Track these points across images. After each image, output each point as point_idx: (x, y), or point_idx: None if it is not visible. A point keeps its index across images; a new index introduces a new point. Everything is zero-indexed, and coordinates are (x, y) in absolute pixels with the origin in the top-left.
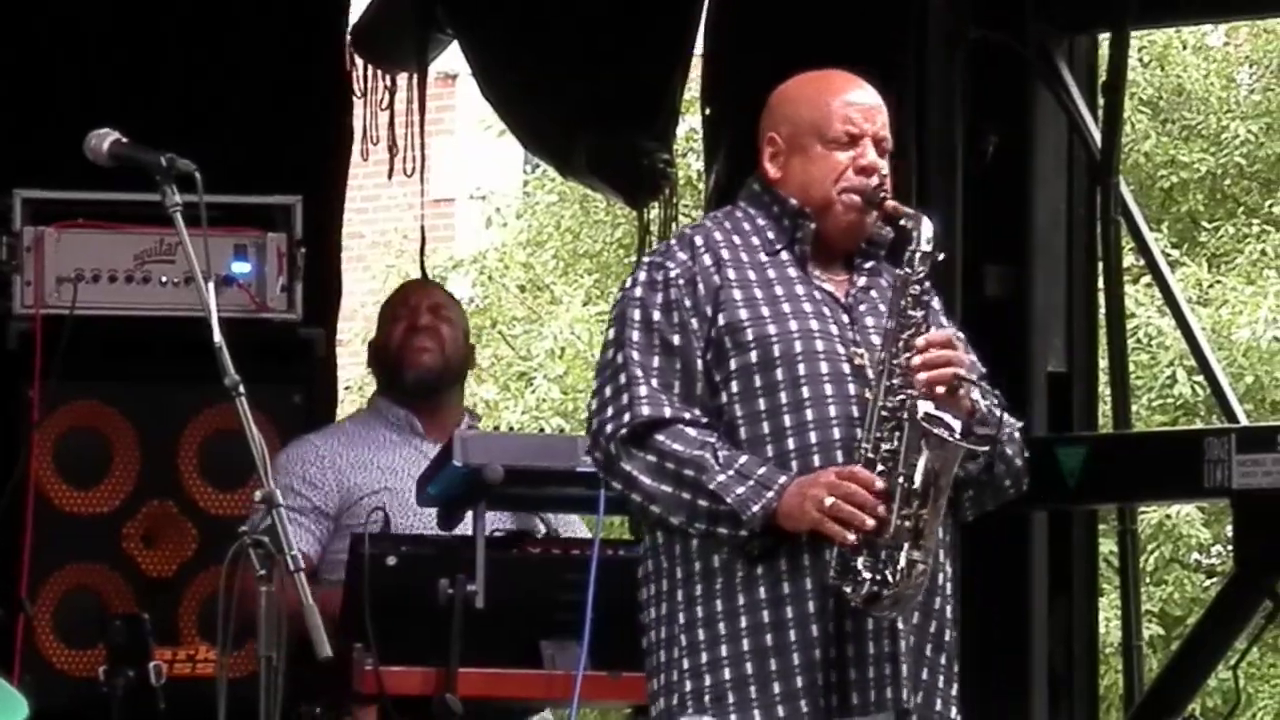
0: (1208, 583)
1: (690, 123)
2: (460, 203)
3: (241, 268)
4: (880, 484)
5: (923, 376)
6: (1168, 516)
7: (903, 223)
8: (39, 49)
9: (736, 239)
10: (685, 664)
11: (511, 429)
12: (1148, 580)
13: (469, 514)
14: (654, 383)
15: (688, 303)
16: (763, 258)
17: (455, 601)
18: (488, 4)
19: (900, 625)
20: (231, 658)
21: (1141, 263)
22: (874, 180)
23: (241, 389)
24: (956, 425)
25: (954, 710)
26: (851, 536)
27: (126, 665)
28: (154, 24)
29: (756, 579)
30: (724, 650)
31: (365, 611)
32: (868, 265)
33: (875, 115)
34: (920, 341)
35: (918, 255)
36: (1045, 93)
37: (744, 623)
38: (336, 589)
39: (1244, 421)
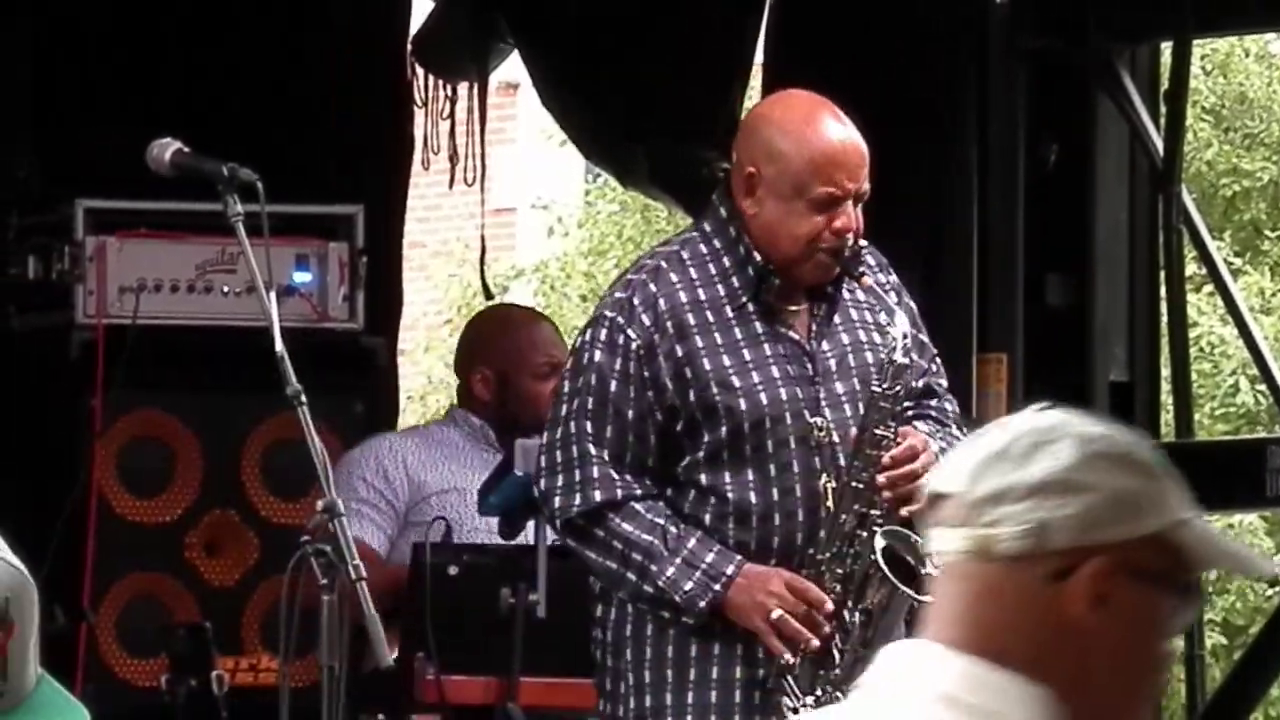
0: (1270, 592)
1: None
2: (522, 212)
3: (303, 277)
4: (829, 607)
5: (887, 495)
6: (1230, 525)
7: (880, 312)
8: (98, 59)
9: (702, 293)
10: (632, 703)
11: None
12: (1210, 589)
13: (530, 523)
14: (605, 455)
15: (645, 373)
16: (728, 312)
17: (516, 611)
18: (548, 13)
19: None
20: (293, 666)
21: (1204, 271)
22: (848, 242)
23: (303, 398)
24: (912, 558)
25: None
26: (789, 656)
27: (189, 674)
28: (219, 36)
29: (707, 648)
30: (668, 699)
31: (427, 620)
32: (828, 290)
33: (859, 172)
34: (886, 459)
35: (890, 369)
36: (1107, 102)
37: (690, 697)
38: (402, 567)
39: None
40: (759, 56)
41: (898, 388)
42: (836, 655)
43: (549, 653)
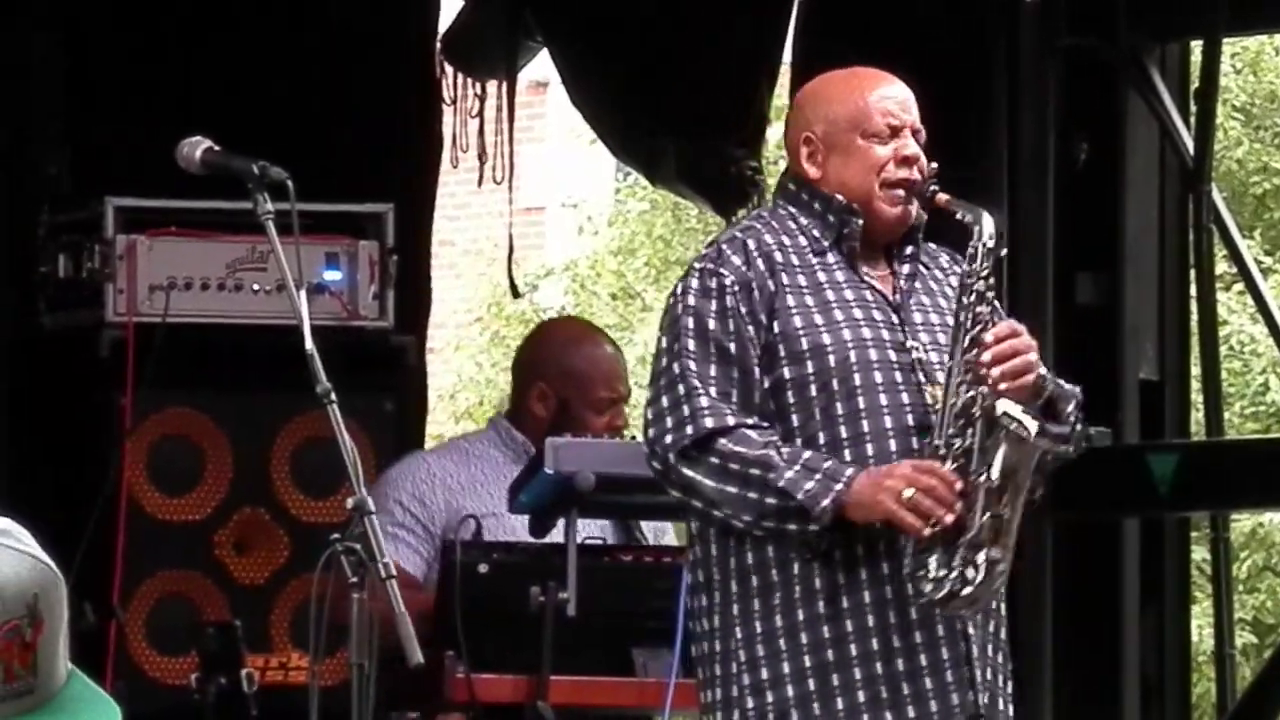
0: None
1: (782, 131)
2: (551, 210)
3: (333, 275)
4: (959, 482)
5: (996, 372)
6: (1260, 524)
7: (959, 216)
8: (129, 57)
9: (786, 239)
10: (746, 679)
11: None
12: (1240, 588)
13: (561, 521)
14: (713, 391)
15: (743, 309)
16: (812, 259)
17: (546, 609)
18: (576, 11)
19: (971, 629)
20: (323, 665)
21: (1234, 270)
22: (915, 172)
23: (333, 396)
24: (1033, 424)
25: (1012, 709)
26: (927, 530)
27: (218, 672)
28: (246, 33)
29: (814, 593)
30: (785, 667)
31: (457, 619)
32: (908, 252)
33: (910, 107)
34: (988, 337)
35: (980, 252)
36: (1137, 100)
37: (804, 639)
38: (427, 592)
39: None
40: (787, 55)
41: (988, 268)
42: (976, 521)
43: (579, 651)
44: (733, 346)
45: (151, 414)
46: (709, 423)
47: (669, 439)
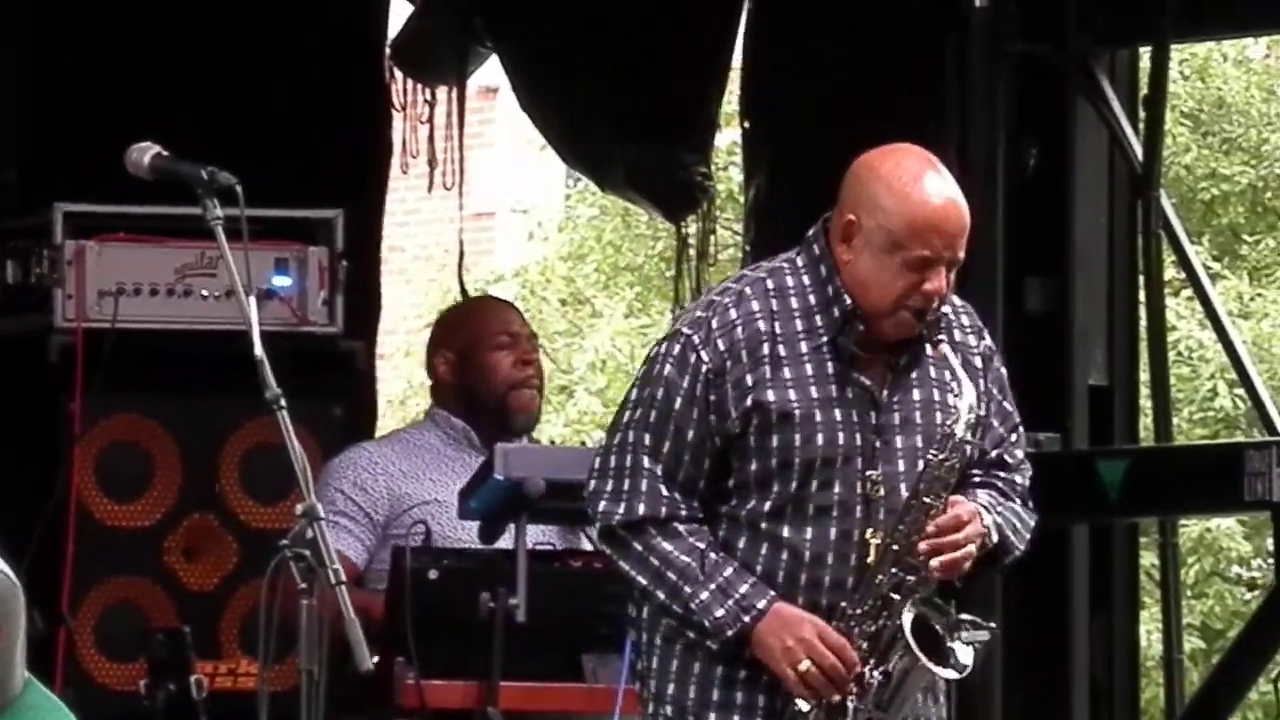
0: (1248, 596)
1: (732, 136)
2: (501, 216)
3: (283, 281)
4: (857, 666)
5: (934, 564)
6: (1208, 529)
7: (947, 376)
8: (78, 63)
9: (778, 324)
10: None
11: (553, 442)
12: (1188, 593)
13: (511, 527)
14: (658, 470)
15: (711, 397)
16: (803, 347)
17: (496, 615)
18: (526, 17)
19: None
20: (272, 671)
21: (1182, 276)
22: (934, 305)
23: (282, 402)
24: (944, 633)
25: None
26: (806, 706)
27: (167, 679)
28: (198, 41)
29: (732, 669)
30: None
31: (407, 625)
32: (906, 347)
33: (957, 241)
34: (931, 527)
35: (951, 440)
36: (1086, 106)
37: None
38: (377, 595)
39: None
40: (737, 60)
41: (954, 459)
42: (850, 712)
43: (529, 657)
44: (690, 433)
45: (100, 420)
46: (641, 509)
47: (602, 507)
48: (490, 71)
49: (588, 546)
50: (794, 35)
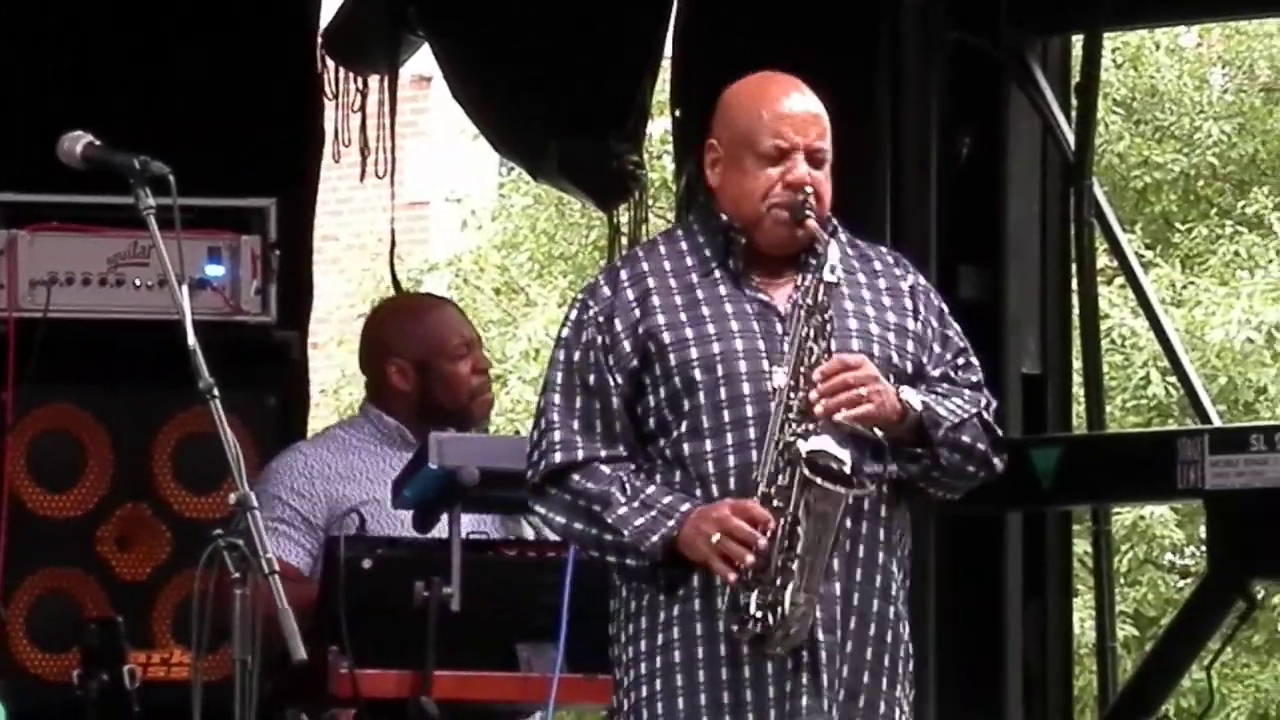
0: (1181, 583)
1: (665, 125)
2: (435, 205)
3: (215, 270)
4: (770, 522)
5: (819, 408)
6: (1141, 517)
7: (816, 247)
8: (8, 51)
9: (667, 265)
10: (617, 675)
11: (487, 431)
12: (1122, 581)
13: (445, 516)
14: (574, 424)
15: (603, 340)
16: (693, 279)
17: (431, 604)
18: (458, 6)
19: (820, 636)
20: (206, 661)
21: (1115, 264)
22: (800, 196)
23: (215, 392)
24: (847, 460)
25: (900, 714)
26: (732, 575)
27: (101, 669)
28: (124, 27)
29: (670, 599)
30: (643, 668)
31: (341, 614)
32: (812, 263)
33: (808, 127)
34: (816, 375)
35: (820, 285)
36: (1019, 95)
37: (659, 640)
38: (312, 583)
39: (1217, 422)
40: (669, 50)
41: (826, 302)
42: (782, 564)
43: (463, 646)
44: (592, 378)
45: (33, 409)
46: (558, 458)
47: (529, 473)
48: (424, 60)
49: (529, 535)
50: (725, 24)
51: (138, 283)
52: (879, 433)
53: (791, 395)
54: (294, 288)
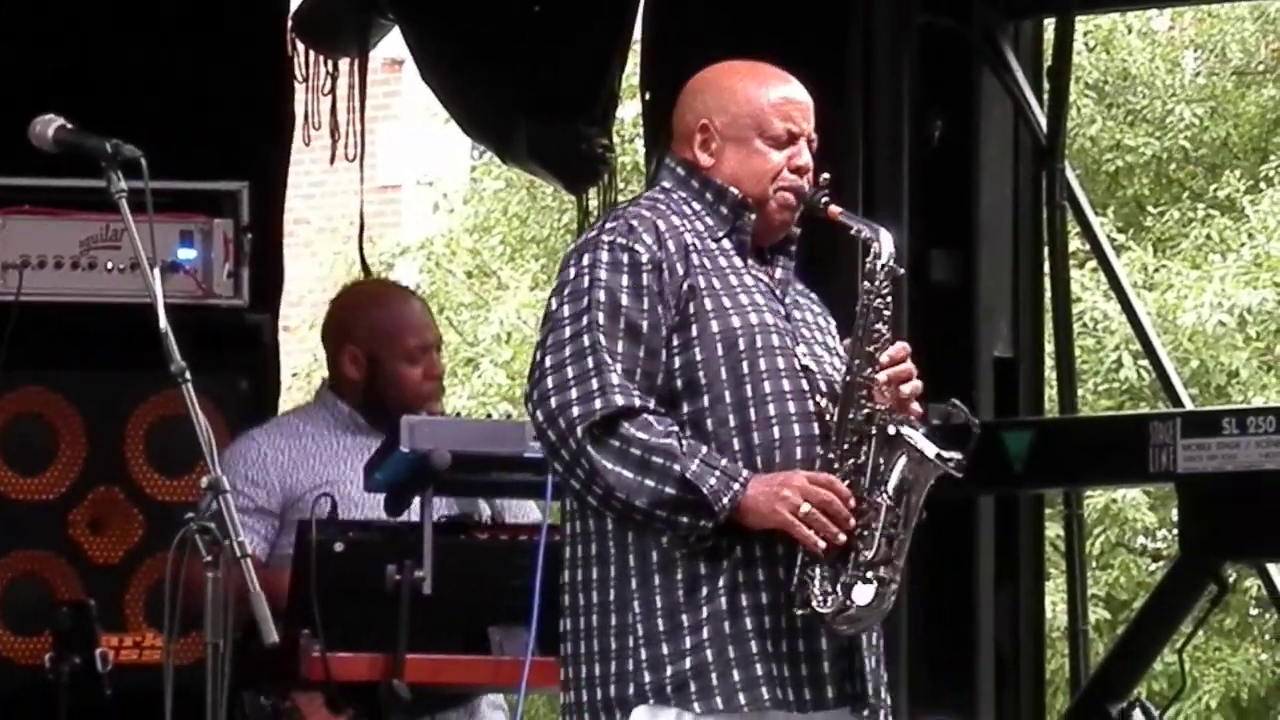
0: (1153, 567)
1: (636, 109)
2: (407, 189)
3: (187, 254)
4: (853, 499)
5: (898, 390)
6: (1113, 501)
7: (854, 231)
8: None
9: (687, 223)
10: (643, 654)
11: (458, 414)
12: (1094, 564)
13: (416, 499)
14: (620, 368)
15: (656, 289)
16: (711, 244)
17: (403, 587)
18: None
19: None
20: (178, 644)
21: (1087, 247)
22: (806, 182)
23: (188, 375)
24: (930, 446)
25: (885, 693)
26: (822, 544)
27: (72, 652)
28: (96, 11)
29: (716, 569)
30: (686, 641)
31: (312, 597)
32: (780, 259)
33: (809, 115)
34: (885, 357)
35: (882, 269)
36: (991, 78)
37: (704, 613)
38: (282, 570)
39: (1189, 406)
40: (638, 33)
41: (887, 286)
42: (864, 541)
43: (435, 629)
44: (644, 325)
45: (5, 393)
46: (619, 400)
47: (575, 411)
48: (396, 44)
49: (486, 515)
50: (696, 7)
51: (110, 266)
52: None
53: (858, 374)
54: (266, 271)
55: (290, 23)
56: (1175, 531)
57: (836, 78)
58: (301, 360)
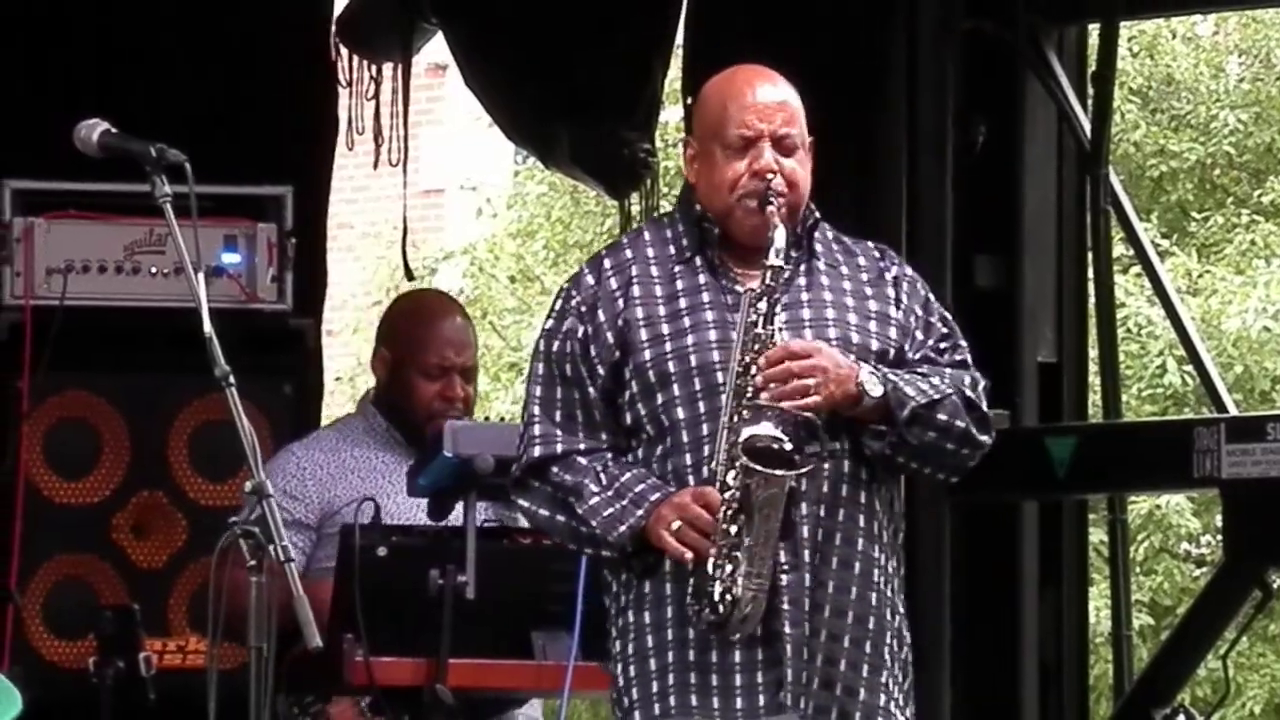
0: (1197, 572)
1: (679, 113)
2: (450, 193)
3: (231, 258)
4: (723, 508)
5: (764, 397)
6: (1157, 506)
7: (770, 234)
8: (26, 39)
9: (650, 252)
10: (620, 679)
11: (502, 419)
12: (1137, 570)
13: (459, 505)
14: (555, 416)
15: (584, 330)
16: (675, 268)
17: (445, 592)
18: None
19: (786, 629)
20: (221, 648)
21: (1131, 253)
22: (763, 184)
23: (231, 379)
24: (786, 441)
25: (888, 699)
26: (689, 556)
27: (116, 656)
28: (141, 15)
29: (646, 603)
30: (651, 664)
31: (356, 602)
32: (794, 254)
33: (774, 114)
34: (761, 360)
35: (767, 272)
36: (1035, 83)
37: (666, 636)
38: (325, 579)
39: (1233, 411)
40: (680, 37)
41: (771, 285)
42: (736, 550)
43: (478, 634)
44: (568, 369)
45: (49, 397)
46: (537, 452)
47: (513, 467)
48: (440, 49)
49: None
50: (738, 12)
51: (154, 270)
52: (819, 419)
53: (740, 382)
54: (309, 275)
55: (334, 28)
56: (1219, 537)
57: (880, 82)
58: (344, 364)
